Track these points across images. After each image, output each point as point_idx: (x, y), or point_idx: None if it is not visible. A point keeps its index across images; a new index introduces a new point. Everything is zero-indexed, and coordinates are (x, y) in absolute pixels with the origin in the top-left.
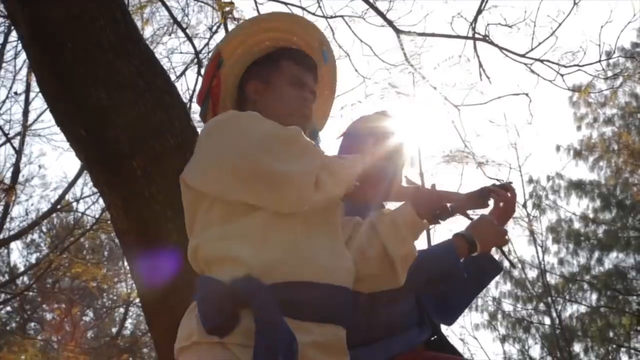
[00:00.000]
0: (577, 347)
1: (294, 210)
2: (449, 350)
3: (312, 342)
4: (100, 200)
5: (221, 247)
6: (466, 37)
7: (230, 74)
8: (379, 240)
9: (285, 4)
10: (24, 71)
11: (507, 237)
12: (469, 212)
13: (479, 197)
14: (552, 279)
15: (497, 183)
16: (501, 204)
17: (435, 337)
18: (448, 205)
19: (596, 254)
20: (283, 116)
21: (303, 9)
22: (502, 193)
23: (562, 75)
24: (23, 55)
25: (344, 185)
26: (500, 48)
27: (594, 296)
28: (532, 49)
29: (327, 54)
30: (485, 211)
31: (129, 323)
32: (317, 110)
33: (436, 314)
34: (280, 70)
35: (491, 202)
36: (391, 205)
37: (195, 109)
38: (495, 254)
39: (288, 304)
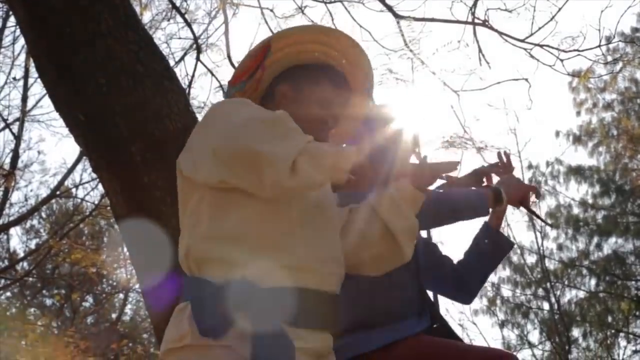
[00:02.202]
0: (576, 332)
1: (272, 194)
2: (450, 336)
3: (304, 348)
4: (100, 186)
5: (215, 248)
6: (466, 22)
7: (271, 68)
8: (379, 218)
9: None
10: (23, 56)
11: (534, 194)
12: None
13: (473, 179)
14: (551, 265)
15: (486, 165)
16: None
17: (437, 325)
18: (444, 175)
19: (595, 240)
20: None
21: None
22: (493, 171)
23: (561, 61)
24: (21, 41)
25: (325, 172)
26: (500, 33)
27: (593, 281)
28: (531, 34)
29: (369, 89)
30: None
31: (128, 309)
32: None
33: (454, 293)
34: (317, 85)
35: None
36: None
37: (194, 94)
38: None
39: (282, 310)
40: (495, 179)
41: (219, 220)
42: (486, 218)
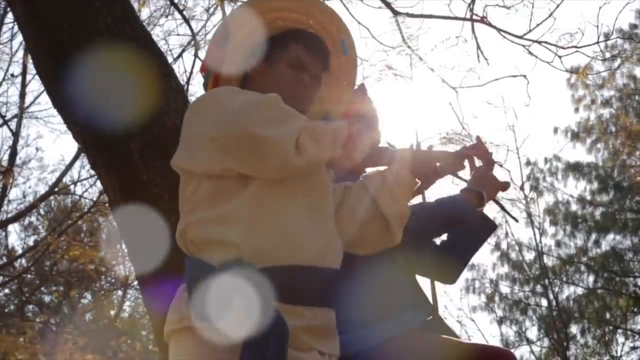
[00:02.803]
0: (574, 329)
1: (278, 176)
2: (446, 332)
3: (304, 326)
4: (98, 183)
5: (211, 230)
6: (464, 19)
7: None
8: (372, 200)
9: None
10: (21, 53)
11: (506, 183)
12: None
13: (457, 160)
14: (549, 261)
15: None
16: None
17: (431, 317)
18: (437, 165)
19: (593, 236)
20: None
21: None
22: (474, 153)
23: (560, 57)
24: (19, 37)
25: (327, 149)
26: (498, 29)
27: (591, 278)
28: (530, 31)
29: (346, 44)
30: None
31: (127, 305)
32: (332, 98)
33: (438, 274)
34: (287, 50)
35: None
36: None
37: (193, 91)
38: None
39: (279, 288)
40: (478, 162)
41: (216, 205)
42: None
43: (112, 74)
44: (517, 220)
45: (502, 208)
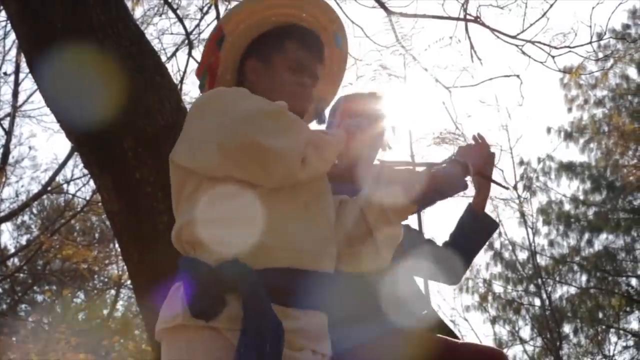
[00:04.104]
0: (567, 328)
1: (281, 185)
2: (441, 328)
3: (297, 329)
4: (91, 182)
5: (208, 230)
6: (457, 19)
7: (232, 49)
8: (365, 220)
9: None
10: (14, 51)
11: (492, 153)
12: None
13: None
14: (542, 261)
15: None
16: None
17: (425, 311)
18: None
19: (586, 236)
20: (277, 100)
21: None
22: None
23: (553, 57)
24: (12, 36)
25: (329, 161)
26: (492, 29)
27: (584, 277)
28: (523, 31)
29: (340, 37)
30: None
31: (120, 305)
32: (322, 90)
33: (440, 275)
34: (283, 51)
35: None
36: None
37: (186, 90)
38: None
39: (274, 291)
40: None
41: (215, 206)
42: (470, 199)
43: (104, 72)
44: (507, 188)
45: (490, 179)
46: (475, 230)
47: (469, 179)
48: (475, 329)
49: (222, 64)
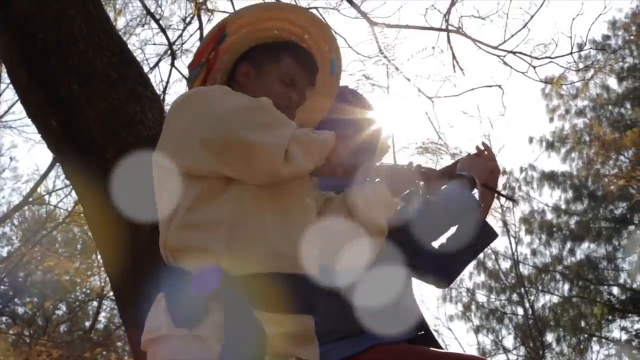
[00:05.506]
0: (550, 337)
1: (263, 182)
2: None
3: (282, 333)
4: (73, 193)
5: (190, 237)
6: (440, 29)
7: (230, 50)
8: (350, 218)
9: None
10: None
11: (498, 168)
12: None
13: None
14: (525, 270)
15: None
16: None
17: (422, 332)
18: (421, 182)
19: (568, 245)
20: None
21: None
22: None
23: (534, 67)
24: None
25: (314, 159)
26: (474, 40)
27: (566, 286)
28: (504, 41)
29: (336, 64)
30: None
31: (102, 317)
32: (312, 112)
33: (431, 277)
34: (278, 62)
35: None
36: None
37: (169, 101)
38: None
39: (257, 296)
40: None
41: (195, 209)
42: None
43: (86, 82)
44: (514, 201)
45: (496, 191)
46: (474, 238)
47: (475, 191)
48: (459, 338)
49: (219, 61)
